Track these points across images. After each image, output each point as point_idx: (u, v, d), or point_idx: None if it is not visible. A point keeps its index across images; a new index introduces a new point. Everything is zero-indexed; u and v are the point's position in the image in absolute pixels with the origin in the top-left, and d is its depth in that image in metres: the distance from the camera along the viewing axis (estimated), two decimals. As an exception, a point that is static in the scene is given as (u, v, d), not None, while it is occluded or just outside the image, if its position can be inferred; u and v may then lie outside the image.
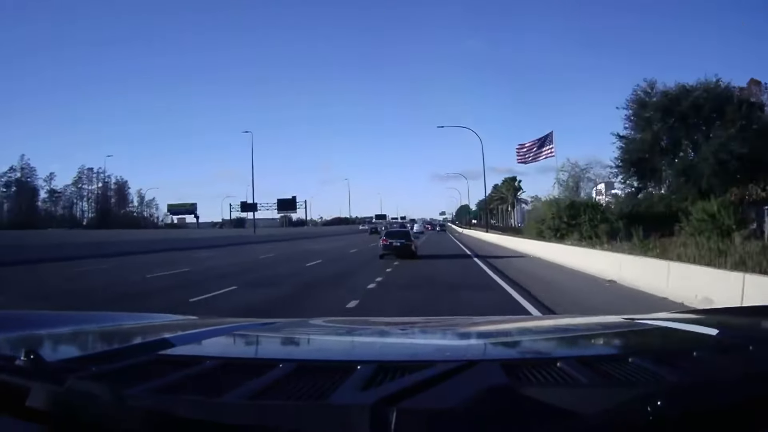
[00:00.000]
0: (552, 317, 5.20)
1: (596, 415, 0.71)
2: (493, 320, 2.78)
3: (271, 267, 17.70)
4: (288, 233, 70.48)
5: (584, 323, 2.09)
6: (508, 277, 13.18)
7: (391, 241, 20.56)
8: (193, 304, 9.13)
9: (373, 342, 1.72)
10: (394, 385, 0.84)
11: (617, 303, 8.80)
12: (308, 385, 0.89)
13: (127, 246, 30.55)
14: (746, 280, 7.02)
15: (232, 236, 54.26)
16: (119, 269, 17.66)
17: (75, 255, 22.43)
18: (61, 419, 0.80)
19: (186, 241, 39.07)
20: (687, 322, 1.59)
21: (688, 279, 8.54)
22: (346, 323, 2.50)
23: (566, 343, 1.63)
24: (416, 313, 7.60)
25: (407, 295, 9.98)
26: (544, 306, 8.57)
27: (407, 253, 19.99)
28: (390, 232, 22.46)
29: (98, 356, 1.08)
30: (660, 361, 0.99)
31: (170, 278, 14.05)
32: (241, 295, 10.44)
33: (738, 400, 0.77)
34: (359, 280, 12.66)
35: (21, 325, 1.61)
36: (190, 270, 16.81)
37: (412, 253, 20.20)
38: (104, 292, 11.26)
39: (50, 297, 10.43)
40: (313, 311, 8.10)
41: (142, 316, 2.19)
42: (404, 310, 8.23)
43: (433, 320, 2.74)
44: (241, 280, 12.90)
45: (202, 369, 0.99)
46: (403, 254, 19.83)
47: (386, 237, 21.25)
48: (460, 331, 1.96)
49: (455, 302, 9.20)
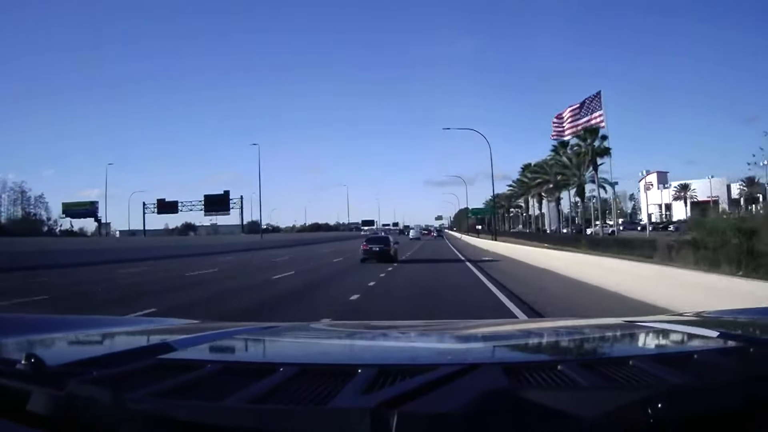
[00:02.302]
0: (552, 320, 5.20)
1: (597, 417, 0.71)
2: (493, 323, 2.78)
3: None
4: (248, 242, 52.32)
5: (585, 326, 2.09)
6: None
7: (371, 246, 22.60)
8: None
9: (375, 345, 1.72)
10: (395, 388, 0.84)
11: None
12: (309, 388, 0.89)
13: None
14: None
15: (159, 246, 36.86)
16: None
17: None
18: (61, 424, 0.80)
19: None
20: (687, 324, 1.59)
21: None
22: (348, 327, 2.50)
23: (567, 345, 1.63)
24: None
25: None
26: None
27: (386, 257, 22.02)
28: (370, 238, 24.54)
29: (99, 360, 1.07)
30: (661, 363, 0.99)
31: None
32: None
33: (739, 402, 0.77)
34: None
35: (21, 329, 1.60)
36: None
37: (391, 258, 22.19)
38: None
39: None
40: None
41: (143, 320, 2.19)
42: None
43: (434, 323, 2.74)
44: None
45: (203, 373, 0.99)
46: (383, 258, 21.81)
47: (366, 243, 23.15)
48: (461, 334, 1.96)
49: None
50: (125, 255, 28.53)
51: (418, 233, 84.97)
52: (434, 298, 11.08)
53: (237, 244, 47.62)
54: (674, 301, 7.85)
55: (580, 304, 9.84)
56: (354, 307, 9.80)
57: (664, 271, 9.83)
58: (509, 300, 10.29)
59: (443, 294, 11.70)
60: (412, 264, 21.97)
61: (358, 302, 10.35)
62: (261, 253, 35.49)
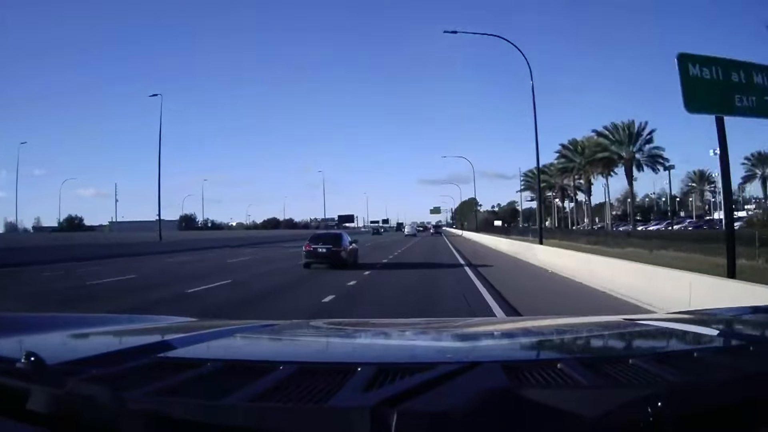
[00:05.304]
0: (552, 318, 5.19)
1: (597, 416, 0.71)
2: (493, 321, 2.78)
3: None
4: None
5: (585, 324, 2.09)
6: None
7: (315, 247, 16.65)
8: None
9: (374, 344, 1.72)
10: (394, 387, 0.84)
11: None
12: (309, 387, 0.89)
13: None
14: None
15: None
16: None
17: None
18: (61, 422, 0.80)
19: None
20: (687, 323, 1.59)
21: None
22: (347, 325, 2.50)
23: (567, 344, 1.63)
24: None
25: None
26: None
27: (337, 261, 16.28)
28: (316, 236, 17.78)
29: (98, 359, 1.07)
30: (660, 361, 0.99)
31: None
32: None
33: (739, 401, 0.77)
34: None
35: (20, 328, 1.61)
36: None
37: (342, 262, 16.36)
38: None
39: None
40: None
41: (143, 319, 2.19)
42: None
43: (433, 322, 2.74)
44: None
45: (202, 371, 0.99)
46: (332, 263, 16.23)
47: (311, 242, 17.01)
48: (461, 332, 1.96)
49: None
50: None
51: (414, 230, 77.27)
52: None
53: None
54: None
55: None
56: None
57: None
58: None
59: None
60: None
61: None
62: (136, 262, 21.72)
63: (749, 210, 62.89)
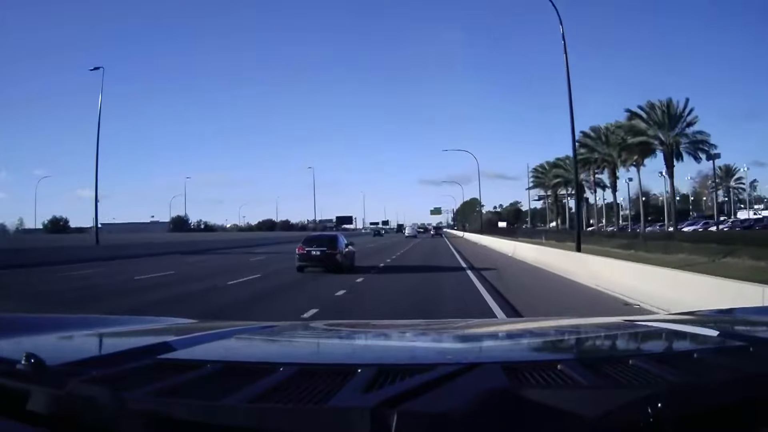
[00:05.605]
0: (552, 319, 5.18)
1: (598, 416, 0.71)
2: (493, 322, 2.78)
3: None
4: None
5: (585, 325, 2.09)
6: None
7: (309, 250, 15.98)
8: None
9: (374, 345, 1.72)
10: (395, 388, 0.84)
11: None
12: (309, 388, 0.89)
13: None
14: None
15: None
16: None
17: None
18: (61, 423, 0.80)
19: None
20: (687, 323, 1.59)
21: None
22: (347, 326, 2.50)
23: (567, 345, 1.63)
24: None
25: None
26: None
27: (332, 264, 15.58)
28: (310, 238, 17.12)
29: (99, 360, 1.07)
30: (661, 362, 0.99)
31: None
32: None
33: (739, 401, 0.77)
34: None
35: (21, 329, 1.60)
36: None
37: (338, 265, 15.60)
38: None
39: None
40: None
41: (143, 320, 2.19)
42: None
43: (434, 323, 2.74)
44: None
45: (202, 372, 0.99)
46: (327, 266, 15.58)
47: (304, 244, 16.39)
48: (461, 333, 1.96)
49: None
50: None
51: (414, 231, 77.01)
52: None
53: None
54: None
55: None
56: None
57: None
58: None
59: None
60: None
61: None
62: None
63: (756, 210, 62.26)
